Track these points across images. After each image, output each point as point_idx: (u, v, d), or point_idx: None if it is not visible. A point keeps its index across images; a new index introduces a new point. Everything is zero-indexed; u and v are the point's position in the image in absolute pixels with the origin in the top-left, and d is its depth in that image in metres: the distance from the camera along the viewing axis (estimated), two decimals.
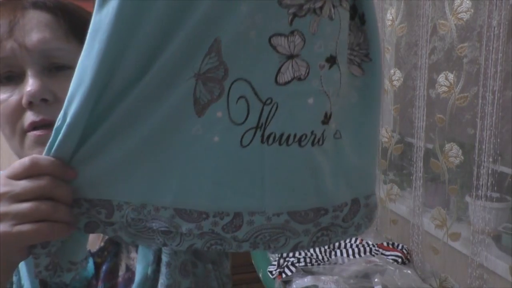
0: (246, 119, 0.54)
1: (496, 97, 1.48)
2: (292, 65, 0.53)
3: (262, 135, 0.54)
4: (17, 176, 0.51)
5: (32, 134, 0.65)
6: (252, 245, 0.56)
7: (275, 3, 0.52)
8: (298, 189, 0.55)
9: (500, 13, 1.45)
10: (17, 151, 0.68)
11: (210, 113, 0.54)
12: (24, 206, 0.50)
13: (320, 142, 0.55)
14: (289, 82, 0.53)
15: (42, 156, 0.53)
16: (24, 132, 0.65)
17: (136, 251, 0.75)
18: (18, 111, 0.65)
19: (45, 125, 0.64)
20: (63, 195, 0.53)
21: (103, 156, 0.55)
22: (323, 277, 1.72)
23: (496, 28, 1.46)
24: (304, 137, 0.54)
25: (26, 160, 0.51)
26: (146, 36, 0.51)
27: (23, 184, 0.51)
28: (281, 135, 0.54)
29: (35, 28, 0.66)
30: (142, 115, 0.54)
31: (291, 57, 0.53)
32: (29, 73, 0.65)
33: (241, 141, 0.54)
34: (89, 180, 0.55)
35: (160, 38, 0.51)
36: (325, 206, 0.56)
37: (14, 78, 0.66)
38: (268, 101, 0.54)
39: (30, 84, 0.65)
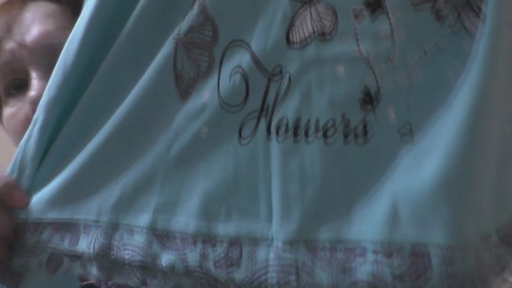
0: (245, 100, 0.36)
1: None
2: (311, 14, 0.35)
3: (269, 125, 0.36)
4: None
5: None
6: None
7: None
8: (323, 208, 0.35)
9: None
10: None
11: (197, 95, 0.38)
12: None
13: (359, 135, 0.34)
14: (306, 41, 0.35)
15: None
16: None
17: None
18: (28, 123, 0.55)
19: None
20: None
21: (66, 162, 0.43)
22: None
23: None
24: (330, 124, 0.34)
25: None
26: None
27: None
28: (297, 122, 0.35)
29: (36, 22, 0.56)
30: (110, 104, 0.40)
31: (309, 1, 0.34)
32: (33, 75, 0.55)
33: (239, 135, 0.36)
34: (51, 195, 0.43)
35: None
36: (362, 242, 0.34)
37: (22, 86, 0.57)
38: (277, 72, 0.35)
39: (34, 88, 0.54)
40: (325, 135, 0.34)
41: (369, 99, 0.34)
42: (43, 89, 0.52)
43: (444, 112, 0.33)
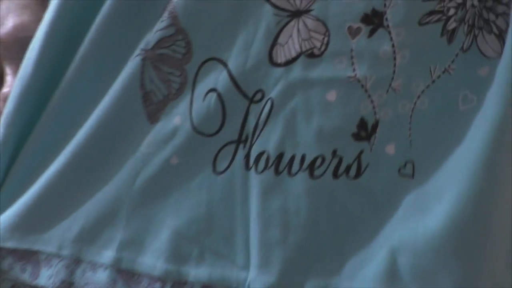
0: (221, 127, 0.31)
1: None
2: (298, 29, 0.29)
3: (247, 156, 0.31)
4: None
5: None
6: None
7: None
8: (308, 258, 0.30)
9: None
10: None
11: (167, 118, 0.33)
12: None
13: (352, 172, 0.29)
14: (293, 60, 0.29)
15: None
16: None
17: None
18: None
19: None
20: None
21: (27, 185, 0.38)
22: None
23: None
24: (319, 162, 0.29)
25: None
26: None
27: None
28: (279, 156, 0.30)
29: (11, 13, 0.53)
30: (72, 122, 0.35)
31: (297, 14, 0.29)
32: (7, 70, 0.51)
33: (213, 166, 0.31)
34: (11, 221, 0.38)
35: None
36: None
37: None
38: (258, 97, 0.30)
39: (8, 85, 0.50)
40: (311, 171, 0.29)
41: (365, 134, 0.29)
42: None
43: (453, 150, 0.28)
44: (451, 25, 0.27)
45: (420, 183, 0.29)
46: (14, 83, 0.49)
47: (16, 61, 0.50)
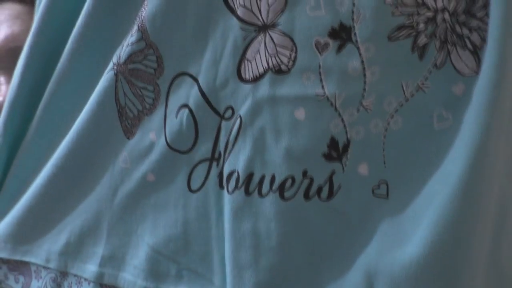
0: (194, 143, 0.30)
1: None
2: (265, 45, 0.28)
3: (221, 174, 0.30)
4: None
5: None
6: None
7: None
8: (281, 281, 0.29)
9: None
10: None
11: (142, 134, 0.32)
12: None
13: (324, 193, 0.28)
14: (260, 76, 0.28)
15: None
16: None
17: None
18: None
19: None
20: None
21: (19, 197, 0.39)
22: None
23: None
24: (289, 184, 0.28)
25: None
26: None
27: None
28: (249, 176, 0.29)
29: (3, 24, 0.54)
30: (55, 134, 0.36)
31: (263, 28, 0.28)
32: (1, 80, 0.53)
33: (188, 183, 0.31)
34: (3, 232, 0.39)
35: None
36: None
37: None
38: (228, 114, 0.29)
39: (1, 94, 0.52)
40: (281, 193, 0.28)
41: (336, 154, 0.27)
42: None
43: (430, 172, 0.26)
44: (422, 40, 0.25)
45: (395, 204, 0.27)
46: (6, 90, 0.50)
47: (9, 71, 0.51)
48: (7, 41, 0.52)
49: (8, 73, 0.51)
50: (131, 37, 0.31)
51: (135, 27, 0.31)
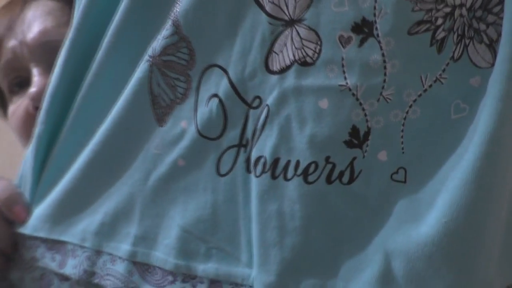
0: (223, 131, 0.32)
1: None
2: (292, 38, 0.30)
3: (248, 160, 0.32)
4: None
5: None
6: None
7: None
8: (304, 259, 0.31)
9: None
10: None
11: (174, 121, 0.34)
12: None
13: (345, 178, 0.30)
14: (287, 68, 0.30)
15: None
16: None
17: None
18: (28, 119, 0.56)
19: None
20: None
21: (59, 179, 0.41)
22: None
23: None
24: (312, 169, 0.30)
25: None
26: None
27: None
28: (275, 161, 0.31)
29: (36, 20, 0.57)
30: (93, 122, 0.38)
31: (290, 23, 0.30)
32: (34, 72, 0.56)
33: (217, 167, 0.33)
34: (43, 212, 0.42)
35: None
36: None
37: (24, 84, 0.58)
38: (256, 103, 0.31)
39: (35, 84, 0.54)
40: (305, 177, 0.30)
41: (357, 141, 0.29)
42: (43, 85, 0.52)
43: (446, 158, 0.28)
44: (440, 34, 0.27)
45: (412, 189, 0.29)
46: (41, 83, 0.53)
47: (41, 63, 0.55)
48: (40, 35, 0.55)
49: (41, 66, 0.55)
50: (166, 31, 0.33)
51: (169, 22, 0.33)
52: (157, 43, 0.33)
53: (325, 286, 0.30)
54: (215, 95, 0.32)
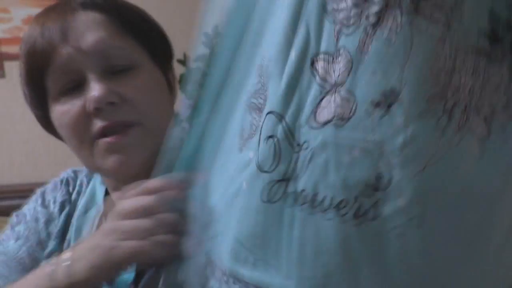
0: (275, 167, 0.40)
1: None
2: (335, 98, 0.37)
3: (295, 192, 0.39)
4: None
5: (103, 141, 0.62)
6: None
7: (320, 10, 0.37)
8: (327, 277, 0.38)
9: None
10: (87, 162, 0.67)
11: (246, 151, 0.43)
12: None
13: (370, 216, 0.36)
14: (329, 121, 0.37)
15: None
16: (93, 140, 0.63)
17: None
18: (84, 119, 0.63)
19: (115, 130, 0.62)
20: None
21: None
22: None
23: None
24: (343, 203, 0.36)
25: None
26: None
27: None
28: (315, 195, 0.38)
29: (88, 29, 0.62)
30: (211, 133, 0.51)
31: (334, 86, 0.37)
32: (91, 77, 0.62)
33: (268, 195, 0.41)
34: None
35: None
36: None
37: (75, 87, 0.63)
38: (305, 146, 0.39)
39: (95, 89, 0.61)
40: (338, 210, 0.37)
41: (380, 185, 0.35)
42: (103, 89, 0.61)
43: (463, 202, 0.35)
44: (449, 106, 0.33)
45: (427, 232, 0.35)
46: (100, 88, 0.61)
47: (98, 69, 0.62)
48: (97, 44, 0.62)
49: (98, 72, 0.62)
50: (256, 75, 0.43)
51: (258, 66, 0.42)
52: (251, 86, 0.43)
53: None
54: (273, 136, 0.40)
